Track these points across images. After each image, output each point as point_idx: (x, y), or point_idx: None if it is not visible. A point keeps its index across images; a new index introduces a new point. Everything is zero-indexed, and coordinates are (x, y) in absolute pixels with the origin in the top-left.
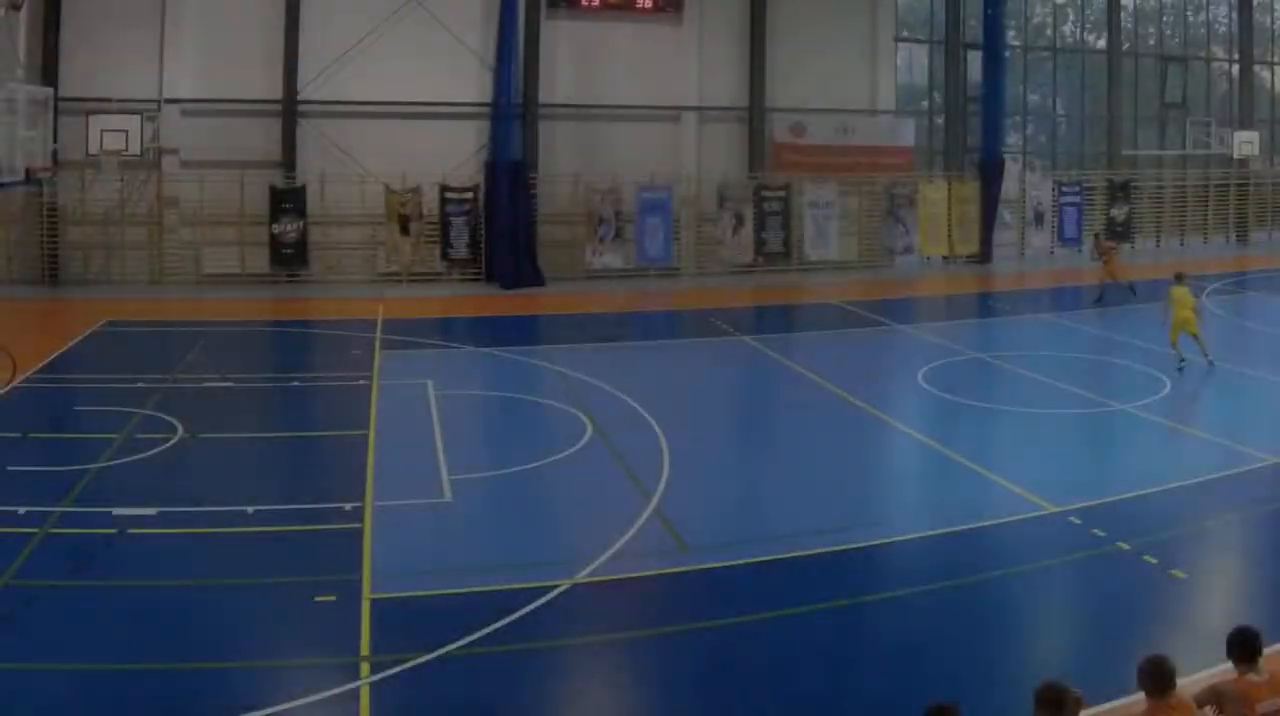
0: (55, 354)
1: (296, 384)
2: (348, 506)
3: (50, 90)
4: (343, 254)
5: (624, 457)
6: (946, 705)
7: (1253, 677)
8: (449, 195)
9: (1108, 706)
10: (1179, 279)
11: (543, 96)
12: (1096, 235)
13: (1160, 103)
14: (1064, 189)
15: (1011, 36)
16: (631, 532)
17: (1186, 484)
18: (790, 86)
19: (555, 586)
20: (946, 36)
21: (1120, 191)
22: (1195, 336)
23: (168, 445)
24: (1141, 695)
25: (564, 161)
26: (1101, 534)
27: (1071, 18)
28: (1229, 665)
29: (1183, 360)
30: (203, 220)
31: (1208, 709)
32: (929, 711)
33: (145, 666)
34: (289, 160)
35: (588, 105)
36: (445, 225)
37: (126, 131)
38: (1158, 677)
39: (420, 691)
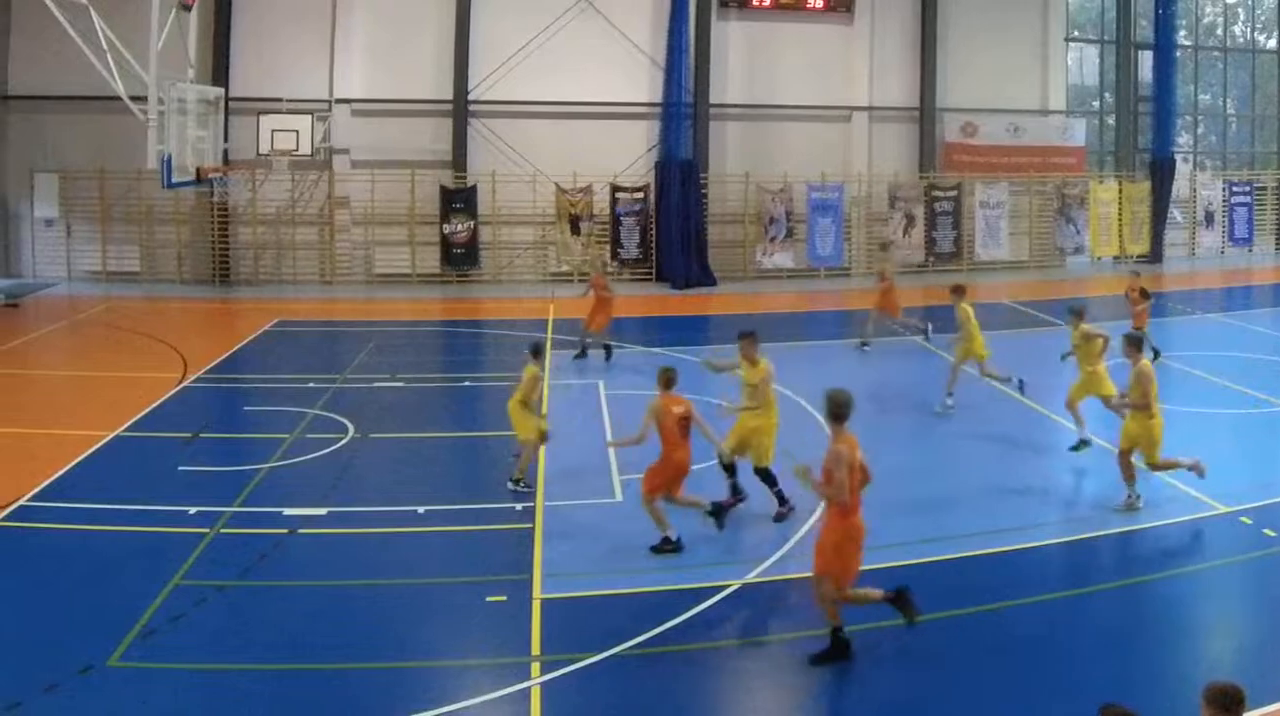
0: (226, 354)
1: (467, 384)
2: (519, 506)
3: (221, 90)
4: (514, 254)
5: (794, 456)
6: (1120, 706)
7: None
8: (620, 195)
9: (1276, 707)
10: (746, 339)
11: (713, 96)
12: (603, 261)
13: None
14: (1234, 189)
15: (1182, 36)
16: (802, 532)
17: None
18: (961, 86)
19: (726, 586)
20: (1117, 36)
21: None
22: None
23: (339, 445)
24: None
25: (734, 161)
26: (1272, 533)
27: (1242, 17)
28: None
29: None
30: (373, 220)
31: None
32: (1102, 711)
33: (316, 666)
34: (459, 160)
35: (758, 105)
36: (616, 225)
37: (297, 131)
38: None
39: (591, 691)
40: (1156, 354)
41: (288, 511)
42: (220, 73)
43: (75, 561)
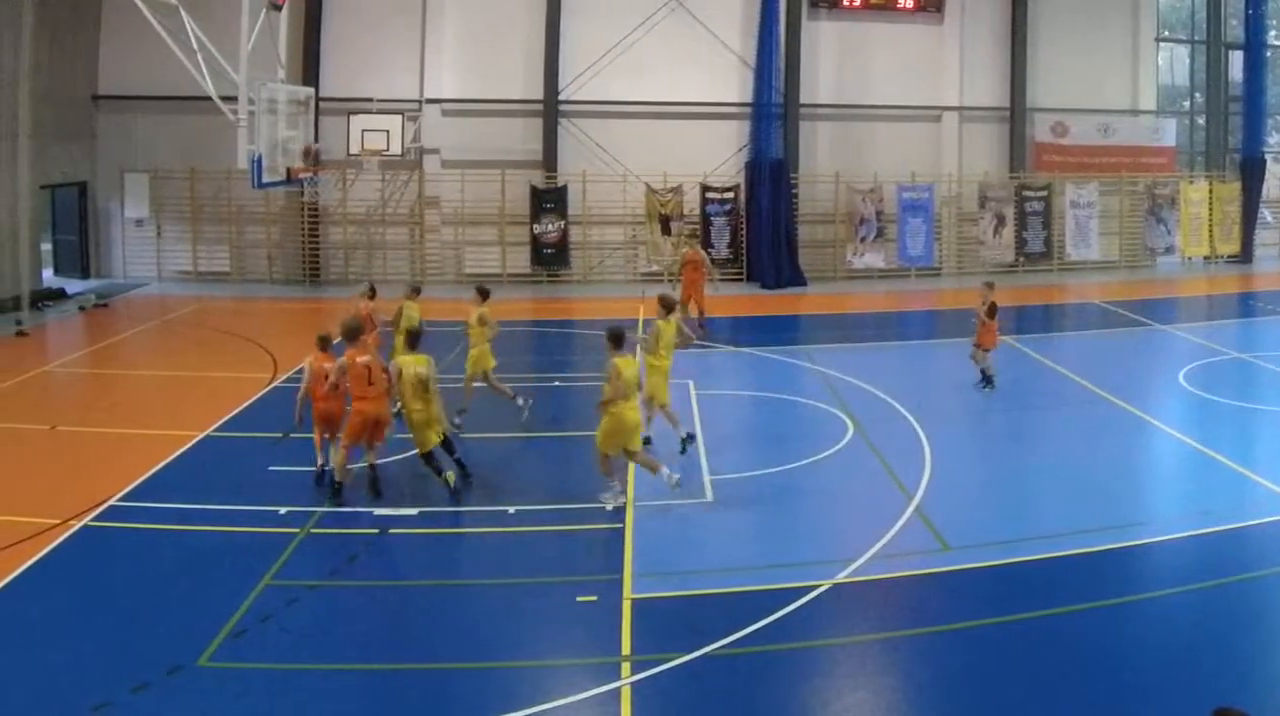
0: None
1: (558, 384)
2: (609, 506)
3: (311, 90)
4: (604, 254)
5: (885, 457)
6: (1235, 710)
7: None
8: (710, 195)
9: None
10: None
11: (803, 96)
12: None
13: None
14: None
15: (1272, 36)
16: (893, 532)
17: None
18: (1051, 86)
19: (816, 587)
20: (1208, 36)
21: None
22: None
23: None
24: None
25: (824, 161)
26: None
27: None
28: None
29: None
30: (463, 220)
31: None
32: (1217, 714)
33: (405, 666)
34: (550, 160)
35: (848, 105)
36: (706, 225)
37: (387, 131)
38: None
39: (681, 691)
40: (989, 381)
41: (378, 511)
42: (310, 73)
43: (165, 561)
